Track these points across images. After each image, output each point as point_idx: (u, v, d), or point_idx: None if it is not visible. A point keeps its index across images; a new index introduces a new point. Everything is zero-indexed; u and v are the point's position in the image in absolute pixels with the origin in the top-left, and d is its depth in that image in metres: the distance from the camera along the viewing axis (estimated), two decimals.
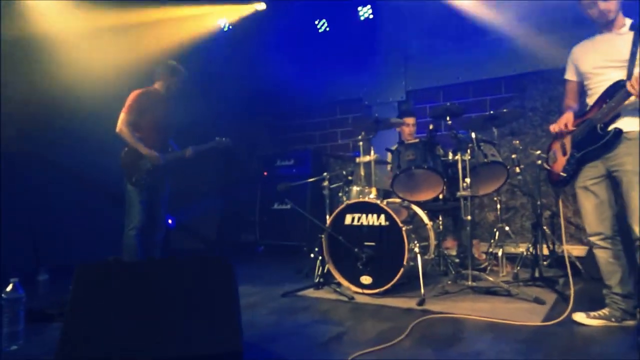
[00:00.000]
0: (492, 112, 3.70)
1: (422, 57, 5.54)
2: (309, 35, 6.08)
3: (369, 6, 5.58)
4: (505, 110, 3.68)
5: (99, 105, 4.42)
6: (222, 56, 6.06)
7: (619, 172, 2.44)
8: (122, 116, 3.80)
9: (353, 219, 3.57)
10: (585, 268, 3.86)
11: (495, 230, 4.15)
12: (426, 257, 3.57)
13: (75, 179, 4.84)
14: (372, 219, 3.49)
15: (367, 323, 2.78)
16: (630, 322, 2.52)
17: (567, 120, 2.69)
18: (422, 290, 3.24)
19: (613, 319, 2.55)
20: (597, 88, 2.56)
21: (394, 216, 3.35)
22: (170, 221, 5.80)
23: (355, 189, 4.04)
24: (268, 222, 6.11)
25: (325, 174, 4.04)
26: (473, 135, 3.49)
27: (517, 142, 4.08)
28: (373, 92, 5.89)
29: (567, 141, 2.68)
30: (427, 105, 5.56)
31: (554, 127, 2.76)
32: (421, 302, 3.11)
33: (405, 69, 5.63)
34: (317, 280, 3.68)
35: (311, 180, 4.60)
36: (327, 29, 5.98)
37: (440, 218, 4.05)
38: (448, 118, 3.66)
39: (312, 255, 4.18)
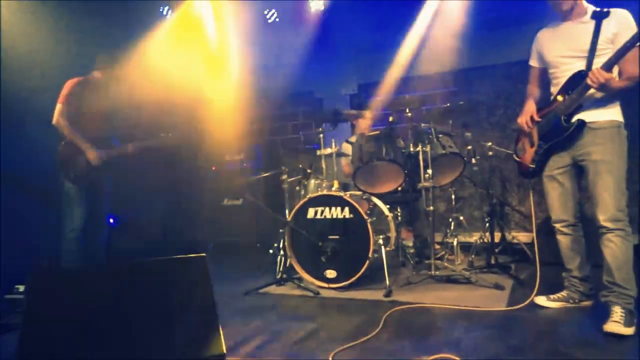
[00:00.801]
0: (449, 104, 3.77)
1: (374, 50, 5.55)
2: (259, 26, 5.90)
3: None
4: (461, 102, 3.77)
5: (29, 94, 4.02)
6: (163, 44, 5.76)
7: (586, 161, 2.45)
8: (58, 107, 3.49)
9: (316, 212, 3.51)
10: (534, 253, 4.05)
11: (450, 220, 4.25)
12: (387, 248, 3.59)
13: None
14: (335, 212, 3.44)
15: (339, 318, 2.73)
16: (587, 303, 2.66)
17: (531, 111, 2.69)
18: (388, 282, 3.25)
19: (571, 301, 2.68)
20: (561, 78, 2.56)
21: (359, 209, 3.32)
22: (111, 220, 5.45)
23: (313, 182, 3.99)
24: (218, 218, 5.89)
25: (283, 167, 3.93)
26: (433, 127, 3.54)
27: (469, 134, 4.20)
28: (325, 85, 5.85)
29: (535, 132, 2.68)
30: (379, 98, 5.59)
31: (520, 120, 2.75)
32: (388, 294, 3.12)
33: (357, 62, 5.63)
34: (279, 276, 3.59)
35: (269, 174, 4.47)
36: (277, 19, 5.83)
37: (399, 209, 4.09)
38: (407, 110, 3.68)
39: (271, 251, 4.06)
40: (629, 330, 2.20)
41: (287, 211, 3.98)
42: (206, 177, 6.06)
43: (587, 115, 2.44)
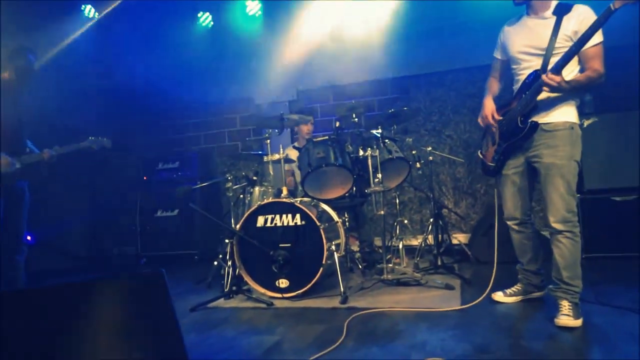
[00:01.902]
0: (392, 110, 3.83)
1: (313, 57, 5.54)
2: (188, 29, 5.68)
3: (257, 2, 5.41)
4: (405, 108, 3.85)
5: None
6: (83, 47, 5.37)
7: (538, 163, 2.48)
8: None
9: (266, 220, 3.39)
10: (473, 252, 4.24)
11: (395, 223, 4.31)
12: (337, 254, 3.55)
13: None
14: (286, 219, 3.35)
15: (299, 328, 2.64)
16: (538, 294, 2.78)
17: (491, 108, 2.65)
18: (342, 288, 3.22)
19: (526, 294, 2.79)
20: (521, 75, 2.53)
21: (311, 215, 3.26)
22: (29, 238, 4.92)
23: (258, 189, 3.87)
24: (151, 231, 5.54)
25: (228, 175, 3.77)
26: (379, 132, 3.58)
27: (410, 139, 4.31)
28: (264, 91, 5.73)
29: (496, 131, 2.66)
30: (318, 104, 5.61)
31: (481, 118, 2.71)
32: (344, 300, 3.08)
33: (297, 68, 5.58)
34: (227, 288, 3.41)
35: (212, 182, 4.28)
36: (212, 23, 5.65)
37: (346, 215, 4.08)
38: (354, 115, 3.70)
39: (215, 262, 3.87)
40: (578, 322, 2.32)
41: (232, 220, 3.82)
42: (137, 186, 5.68)
43: (541, 117, 2.45)
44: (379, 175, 3.42)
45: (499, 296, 2.83)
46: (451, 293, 3.15)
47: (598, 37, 2.31)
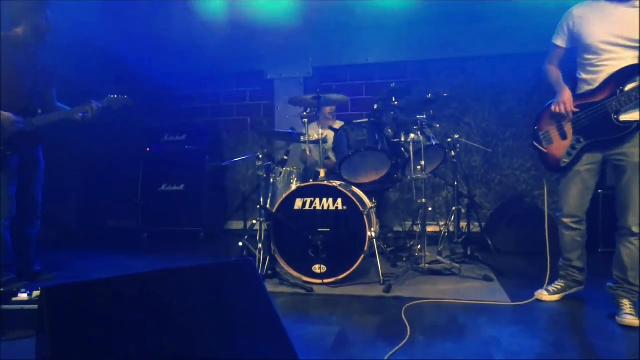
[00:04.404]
0: (429, 95, 3.73)
1: (330, 33, 5.35)
2: None
3: None
4: (445, 94, 3.75)
5: None
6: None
7: (624, 162, 2.38)
8: None
9: (304, 203, 3.26)
10: (495, 243, 4.24)
11: (420, 210, 4.25)
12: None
13: None
14: (326, 203, 3.23)
15: (354, 318, 2.55)
16: (577, 289, 2.76)
17: (568, 100, 2.48)
18: (382, 277, 3.16)
19: (567, 289, 2.77)
20: (600, 67, 2.39)
21: (354, 200, 3.15)
22: None
23: (283, 170, 3.73)
24: (154, 205, 5.30)
25: (259, 153, 3.59)
26: (422, 117, 3.48)
27: (438, 125, 4.22)
28: (276, 66, 5.51)
29: (567, 124, 2.52)
30: (334, 83, 5.42)
31: (559, 107, 2.50)
32: (388, 289, 3.01)
33: (313, 44, 5.38)
34: (265, 272, 3.28)
35: (237, 160, 4.10)
36: None
37: (374, 200, 3.98)
38: (394, 99, 3.58)
39: (240, 243, 3.72)
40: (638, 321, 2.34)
41: (261, 200, 3.66)
42: (139, 158, 5.39)
43: (633, 114, 2.31)
44: (422, 162, 3.33)
45: (544, 295, 2.76)
46: (491, 285, 3.13)
47: None
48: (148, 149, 5.42)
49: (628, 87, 2.30)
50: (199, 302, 1.56)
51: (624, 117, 2.34)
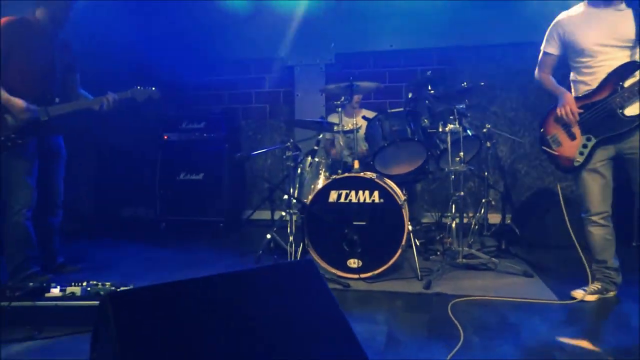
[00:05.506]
0: (464, 84, 3.60)
1: (354, 19, 5.18)
2: None
3: None
4: (482, 83, 3.62)
5: None
6: None
7: (636, 155, 2.43)
8: None
9: (339, 195, 3.15)
10: (526, 236, 4.14)
11: (451, 203, 4.15)
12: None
13: None
14: (362, 196, 3.12)
15: (401, 316, 2.47)
16: (613, 293, 2.65)
17: (571, 102, 2.57)
18: (419, 272, 3.06)
19: (605, 292, 2.65)
20: (597, 68, 2.49)
21: (393, 194, 3.05)
22: None
23: (310, 160, 3.62)
24: (172, 195, 5.19)
25: (290, 142, 3.47)
26: (461, 106, 3.36)
27: (469, 115, 4.10)
28: (297, 52, 5.35)
29: (574, 125, 2.58)
30: (357, 70, 5.27)
31: (564, 111, 2.58)
32: (428, 285, 2.91)
33: (335, 30, 5.21)
34: None
35: (265, 150, 4.00)
36: None
37: (405, 192, 3.88)
38: (430, 87, 3.45)
39: (269, 235, 3.62)
40: None
41: (290, 190, 3.56)
42: (157, 146, 5.27)
43: (637, 108, 2.40)
44: (461, 154, 3.22)
45: (580, 294, 2.65)
46: (533, 281, 3.04)
47: None
48: (166, 137, 5.29)
49: (628, 83, 2.40)
50: (265, 304, 1.47)
51: (629, 112, 2.41)
